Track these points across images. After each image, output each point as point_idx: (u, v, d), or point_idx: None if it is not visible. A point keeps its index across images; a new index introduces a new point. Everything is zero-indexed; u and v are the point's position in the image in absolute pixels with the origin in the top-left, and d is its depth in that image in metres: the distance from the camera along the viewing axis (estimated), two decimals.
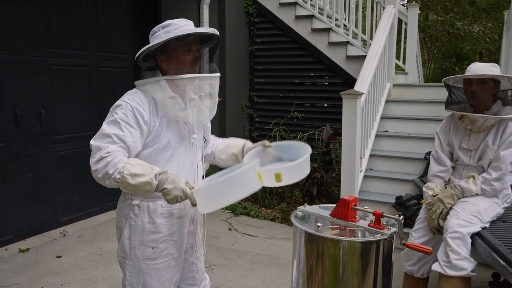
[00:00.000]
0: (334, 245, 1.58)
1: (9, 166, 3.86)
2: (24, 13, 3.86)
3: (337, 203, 1.72)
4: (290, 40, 6.33)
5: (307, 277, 1.67)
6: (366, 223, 1.67)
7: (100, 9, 4.59)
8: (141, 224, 1.77)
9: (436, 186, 2.64)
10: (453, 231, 2.31)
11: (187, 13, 5.55)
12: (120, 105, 1.69)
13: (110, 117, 1.69)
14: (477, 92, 2.50)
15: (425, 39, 14.05)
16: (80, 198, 4.52)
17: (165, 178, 1.54)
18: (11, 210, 3.90)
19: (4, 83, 3.76)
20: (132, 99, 1.71)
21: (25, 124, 3.94)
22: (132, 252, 1.78)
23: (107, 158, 1.58)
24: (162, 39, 1.68)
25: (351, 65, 5.86)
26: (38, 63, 4.03)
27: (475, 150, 2.55)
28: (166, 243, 1.80)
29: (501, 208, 2.52)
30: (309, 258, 1.65)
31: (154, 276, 1.80)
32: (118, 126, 1.65)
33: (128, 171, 1.54)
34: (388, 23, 5.28)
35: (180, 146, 1.81)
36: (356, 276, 1.61)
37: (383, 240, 1.59)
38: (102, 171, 1.58)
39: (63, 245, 3.96)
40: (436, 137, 2.75)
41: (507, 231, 2.29)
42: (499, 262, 1.96)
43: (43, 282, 3.28)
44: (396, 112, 5.35)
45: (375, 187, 4.66)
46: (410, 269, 2.70)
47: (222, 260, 3.76)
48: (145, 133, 1.70)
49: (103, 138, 1.64)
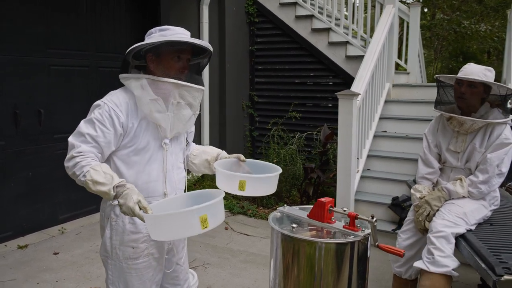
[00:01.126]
0: (308, 246, 1.61)
1: (8, 164, 3.93)
2: (24, 14, 3.93)
3: (314, 204, 1.74)
4: (290, 40, 6.35)
5: (283, 277, 1.70)
6: (341, 225, 1.69)
7: (99, 10, 4.64)
8: (122, 225, 1.80)
9: (424, 188, 2.65)
10: (437, 230, 2.33)
11: (186, 13, 5.60)
12: (99, 105, 1.73)
13: (88, 116, 1.73)
14: (465, 94, 2.50)
15: (431, 38, 13.93)
16: (79, 196, 4.58)
17: (121, 192, 1.57)
18: (10, 208, 3.98)
19: (4, 83, 3.83)
20: (111, 100, 1.74)
21: (24, 123, 4.01)
22: (114, 252, 1.81)
23: (77, 158, 1.63)
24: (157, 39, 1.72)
25: (351, 65, 5.86)
26: (38, 64, 4.10)
27: (463, 152, 2.55)
28: (146, 243, 1.83)
29: (488, 210, 2.52)
30: (284, 258, 1.68)
31: (135, 275, 1.83)
32: (93, 126, 1.68)
33: (91, 177, 1.58)
34: (387, 22, 5.27)
35: (161, 149, 1.83)
36: (331, 277, 1.63)
37: (358, 242, 1.61)
38: (71, 170, 1.64)
39: (61, 242, 4.02)
40: (424, 138, 2.75)
41: (492, 234, 2.29)
42: (480, 264, 1.96)
43: (38, 278, 3.34)
44: (395, 113, 5.34)
45: (372, 187, 4.66)
46: (398, 270, 2.71)
47: (216, 259, 3.80)
48: (119, 133, 1.72)
49: (78, 137, 1.69)
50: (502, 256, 1.94)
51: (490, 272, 1.86)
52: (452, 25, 12.94)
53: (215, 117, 6.19)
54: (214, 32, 6.07)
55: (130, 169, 1.78)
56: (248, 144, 6.71)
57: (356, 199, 4.48)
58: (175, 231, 1.43)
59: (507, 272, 1.81)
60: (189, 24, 5.66)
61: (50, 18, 4.16)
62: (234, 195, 5.29)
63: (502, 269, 1.83)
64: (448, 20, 13.20)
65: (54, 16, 4.19)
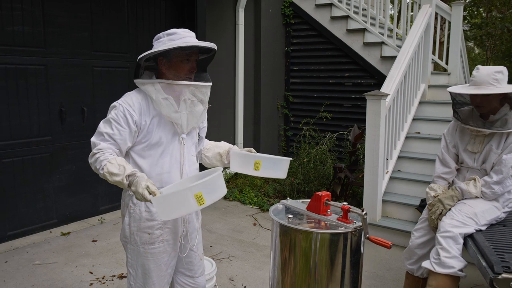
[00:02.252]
0: (302, 236, 1.71)
1: (55, 158, 4.29)
2: (70, 20, 4.27)
3: (311, 198, 1.84)
4: (325, 41, 6.39)
5: (280, 265, 1.81)
6: (336, 217, 1.77)
7: (140, 14, 4.94)
8: (139, 212, 1.97)
9: (439, 188, 2.66)
10: (445, 230, 2.34)
11: (222, 16, 5.79)
12: (115, 106, 1.92)
13: (107, 116, 1.92)
14: (482, 103, 2.49)
15: (481, 37, 13.35)
16: (118, 189, 4.84)
17: (132, 180, 1.73)
18: (56, 198, 4.34)
19: (52, 83, 4.19)
20: (125, 101, 1.91)
21: (69, 120, 4.36)
22: (132, 237, 2.00)
23: (97, 154, 1.83)
24: (167, 45, 1.86)
25: (386, 66, 5.81)
26: (82, 65, 4.44)
27: (479, 153, 2.54)
28: (161, 230, 2.00)
29: (500, 212, 2.48)
30: (282, 247, 1.79)
31: (151, 259, 2.01)
32: (110, 125, 1.87)
33: (107, 169, 1.76)
34: (423, 22, 5.19)
35: (172, 142, 1.99)
36: (324, 265, 1.72)
37: (349, 233, 1.69)
38: (93, 165, 1.84)
39: (99, 231, 4.33)
40: (443, 139, 2.76)
41: (502, 235, 2.27)
42: (481, 263, 1.97)
43: (77, 262, 3.64)
44: (430, 114, 5.24)
45: (401, 189, 4.62)
46: (410, 267, 2.73)
47: (242, 253, 3.94)
48: (133, 131, 1.89)
49: (98, 136, 1.89)
50: (505, 256, 1.94)
51: (488, 270, 1.87)
52: (505, 23, 12.34)
53: (250, 117, 6.35)
54: (250, 34, 6.23)
55: (145, 162, 1.95)
56: (283, 143, 6.82)
57: (384, 200, 4.47)
58: (176, 209, 1.57)
59: (505, 270, 1.81)
60: (225, 27, 5.86)
61: (94, 23, 4.49)
62: (265, 193, 5.42)
63: (501, 268, 1.83)
64: (501, 18, 12.59)
65: (98, 21, 4.52)
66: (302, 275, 1.75)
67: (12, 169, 3.98)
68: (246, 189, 5.67)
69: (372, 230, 4.27)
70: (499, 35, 13.35)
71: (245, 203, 5.38)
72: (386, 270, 3.62)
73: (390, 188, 4.64)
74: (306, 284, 1.71)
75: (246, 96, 6.23)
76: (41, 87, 4.11)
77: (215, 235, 4.36)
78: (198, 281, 2.22)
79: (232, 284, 3.36)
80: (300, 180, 5.32)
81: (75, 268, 3.54)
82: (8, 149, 3.94)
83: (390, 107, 4.44)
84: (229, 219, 4.84)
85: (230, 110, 6.13)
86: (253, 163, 1.95)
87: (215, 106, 5.80)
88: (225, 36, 5.89)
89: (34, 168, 4.14)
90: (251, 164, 1.95)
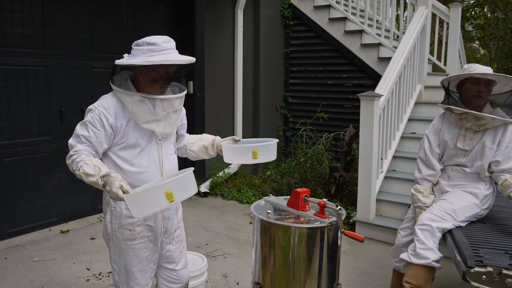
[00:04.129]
0: (280, 230, 1.78)
1: (54, 157, 4.39)
2: (70, 22, 4.37)
3: (291, 194, 1.90)
4: (324, 42, 6.45)
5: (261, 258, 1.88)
6: (313, 212, 1.83)
7: (139, 16, 5.03)
8: (119, 210, 2.04)
9: (425, 190, 2.69)
10: (422, 223, 2.40)
11: (221, 17, 5.87)
12: (91, 110, 1.97)
13: (84, 118, 1.98)
14: (483, 92, 2.50)
15: (484, 38, 13.33)
16: None
17: (106, 181, 1.80)
18: (56, 197, 4.43)
19: (52, 84, 4.29)
20: (101, 104, 1.98)
21: (69, 120, 4.45)
22: (114, 234, 2.08)
23: (73, 156, 1.89)
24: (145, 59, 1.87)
25: (383, 67, 5.83)
26: (82, 66, 4.54)
27: (471, 151, 2.57)
28: (141, 227, 2.07)
29: (480, 209, 2.52)
30: (261, 240, 1.86)
31: (133, 254, 2.08)
32: (86, 128, 1.94)
33: (83, 170, 1.83)
34: (418, 24, 5.24)
35: (149, 143, 2.05)
36: (303, 261, 1.79)
37: (326, 228, 1.76)
38: (70, 167, 1.91)
39: (98, 229, 4.42)
40: (426, 139, 2.76)
41: (480, 232, 2.32)
42: (457, 257, 2.02)
43: (75, 259, 3.73)
44: (426, 114, 5.28)
45: (396, 188, 4.66)
46: (397, 265, 2.78)
47: (236, 250, 4.01)
48: (109, 133, 1.96)
49: (75, 138, 1.96)
50: (480, 251, 1.99)
51: (462, 264, 1.92)
52: (507, 24, 12.33)
53: (249, 118, 6.42)
54: (249, 35, 6.31)
55: (123, 162, 2.01)
56: (282, 144, 6.88)
57: (379, 199, 4.52)
58: (148, 207, 1.66)
59: (478, 264, 1.86)
60: (223, 29, 5.94)
61: (94, 25, 4.59)
62: (263, 192, 5.48)
63: (474, 262, 1.88)
64: (503, 19, 12.58)
65: (97, 23, 4.62)
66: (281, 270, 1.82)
67: (13, 168, 4.08)
68: (244, 188, 5.74)
69: (366, 229, 4.33)
70: (502, 36, 13.32)
71: (243, 202, 5.45)
72: (377, 267, 3.67)
73: (384, 187, 4.69)
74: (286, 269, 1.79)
75: (245, 97, 6.30)
76: (41, 88, 4.21)
77: (211, 233, 4.43)
78: (180, 274, 2.30)
79: (225, 281, 3.43)
80: (297, 180, 5.37)
81: (73, 265, 3.63)
82: (9, 149, 4.04)
83: (384, 107, 4.49)
84: (226, 218, 4.91)
85: (229, 111, 6.20)
86: (251, 153, 2.08)
87: (214, 107, 5.88)
88: (224, 38, 5.97)
89: (34, 167, 4.24)
90: (248, 154, 2.07)
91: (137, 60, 1.88)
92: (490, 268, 1.86)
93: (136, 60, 1.89)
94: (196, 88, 5.50)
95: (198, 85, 5.53)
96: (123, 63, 1.92)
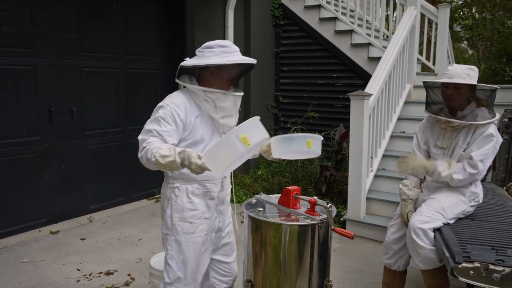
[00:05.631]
0: (271, 227, 1.79)
1: (44, 157, 4.35)
2: (59, 21, 4.34)
3: (282, 192, 1.92)
4: (314, 42, 6.47)
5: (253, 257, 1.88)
6: (304, 210, 1.85)
7: (129, 15, 5.01)
8: (181, 203, 2.13)
9: (411, 183, 2.76)
10: (415, 228, 2.44)
11: (212, 17, 5.87)
12: (162, 106, 2.08)
13: (153, 116, 2.08)
14: (453, 95, 2.59)
15: (472, 39, 13.50)
16: (109, 188, 4.96)
17: (183, 156, 1.87)
18: (45, 197, 4.39)
19: (41, 83, 4.25)
20: (171, 101, 2.09)
21: (58, 120, 4.42)
22: (174, 228, 2.14)
23: (146, 147, 1.97)
24: (221, 57, 2.05)
25: (373, 66, 5.85)
26: (71, 66, 4.50)
27: (448, 148, 2.64)
28: (201, 220, 2.16)
29: (467, 206, 2.58)
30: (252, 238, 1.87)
31: (192, 248, 2.16)
32: (158, 123, 2.03)
33: (159, 154, 1.89)
34: (408, 24, 5.29)
35: (212, 139, 2.16)
36: (294, 259, 1.80)
37: (317, 225, 1.77)
38: (144, 158, 1.97)
39: (88, 230, 4.39)
40: (415, 136, 2.86)
41: (468, 228, 2.36)
42: (445, 253, 2.05)
43: (65, 260, 3.70)
44: (415, 114, 5.33)
45: (386, 187, 4.71)
46: (388, 262, 2.81)
47: None
48: (180, 129, 2.06)
49: (146, 133, 2.04)
50: (468, 247, 2.02)
51: (450, 260, 1.96)
52: (495, 24, 12.50)
53: (240, 118, 6.41)
54: (240, 35, 6.31)
55: None
56: None
57: (369, 198, 4.55)
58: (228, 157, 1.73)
59: (465, 260, 1.89)
60: (214, 28, 5.94)
61: (83, 24, 4.55)
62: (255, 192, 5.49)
63: (462, 258, 1.91)
64: (491, 19, 12.75)
65: (87, 21, 4.58)
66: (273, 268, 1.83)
67: (1, 169, 4.04)
68: (235, 188, 5.74)
69: (356, 227, 4.36)
70: (490, 36, 13.50)
71: (234, 202, 5.44)
72: (367, 265, 3.70)
73: (374, 186, 4.73)
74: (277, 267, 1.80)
75: None
76: (29, 88, 4.17)
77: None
78: (232, 266, 2.41)
79: None
80: (288, 179, 5.39)
81: (63, 266, 3.60)
82: None
83: (374, 106, 4.52)
84: None
85: None
86: (306, 142, 2.11)
87: None
88: (215, 38, 5.85)
89: (23, 167, 4.20)
90: (304, 143, 2.11)
91: (222, 60, 2.03)
92: (478, 264, 1.89)
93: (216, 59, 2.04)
94: None
95: None
96: (206, 63, 2.04)
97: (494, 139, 2.49)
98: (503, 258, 1.92)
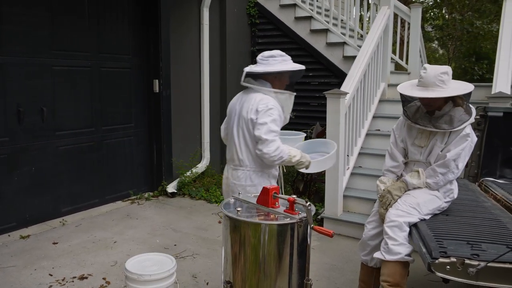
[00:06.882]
0: (249, 227, 1.76)
1: (12, 159, 4.19)
2: (29, 18, 4.19)
3: (261, 191, 1.89)
4: (290, 41, 6.48)
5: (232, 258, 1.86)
6: (283, 209, 1.83)
7: (102, 13, 4.88)
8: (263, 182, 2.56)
9: (388, 180, 2.79)
10: (390, 220, 2.47)
11: (187, 16, 5.80)
12: (273, 108, 2.46)
13: (269, 117, 2.43)
14: (430, 102, 2.61)
15: (443, 38, 13.84)
16: (81, 190, 4.83)
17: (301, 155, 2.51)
18: (14, 200, 4.23)
19: (9, 82, 4.09)
20: (274, 104, 2.48)
21: (28, 120, 4.27)
22: None
23: (280, 147, 2.40)
24: (283, 65, 2.52)
25: (348, 65, 5.91)
26: (41, 64, 4.35)
27: (425, 147, 2.67)
28: None
29: (442, 202, 2.62)
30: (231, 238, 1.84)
31: None
32: (275, 123, 2.45)
33: (292, 154, 2.46)
34: (381, 23, 5.36)
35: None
36: (273, 258, 1.78)
37: (296, 224, 1.76)
38: (278, 156, 2.39)
39: (60, 233, 4.27)
40: (392, 134, 2.88)
41: (444, 224, 2.40)
42: (422, 249, 2.08)
43: (36, 265, 3.58)
44: (390, 112, 5.41)
45: (362, 184, 4.75)
46: (364, 258, 2.83)
47: (205, 250, 3.97)
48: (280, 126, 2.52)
49: (274, 134, 2.41)
50: (444, 242, 2.05)
51: (427, 255, 1.98)
52: (464, 25, 12.85)
53: (216, 117, 6.36)
54: (215, 34, 6.26)
55: None
56: None
57: (346, 195, 4.59)
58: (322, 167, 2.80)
59: (442, 255, 1.92)
60: (189, 27, 5.87)
61: (53, 22, 4.41)
62: None
63: (439, 253, 1.94)
64: (460, 20, 13.10)
65: (58, 19, 4.44)
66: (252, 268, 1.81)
67: None
68: (213, 188, 5.70)
69: (333, 225, 4.38)
70: (459, 36, 13.87)
71: (211, 202, 5.41)
72: (345, 262, 3.73)
73: (351, 183, 4.77)
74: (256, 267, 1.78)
75: (212, 95, 6.25)
76: None
77: (180, 233, 4.36)
78: None
79: (195, 281, 3.39)
80: None
81: (34, 271, 3.48)
82: None
83: (350, 105, 4.56)
84: (194, 218, 4.85)
85: (196, 109, 6.13)
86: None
87: (181, 106, 5.80)
88: (190, 36, 5.89)
89: None
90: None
91: (288, 66, 2.54)
92: (454, 259, 1.91)
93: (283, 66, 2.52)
94: (162, 87, 5.39)
95: (164, 84, 5.42)
96: (279, 69, 2.49)
97: (469, 139, 2.53)
98: (478, 252, 1.95)
